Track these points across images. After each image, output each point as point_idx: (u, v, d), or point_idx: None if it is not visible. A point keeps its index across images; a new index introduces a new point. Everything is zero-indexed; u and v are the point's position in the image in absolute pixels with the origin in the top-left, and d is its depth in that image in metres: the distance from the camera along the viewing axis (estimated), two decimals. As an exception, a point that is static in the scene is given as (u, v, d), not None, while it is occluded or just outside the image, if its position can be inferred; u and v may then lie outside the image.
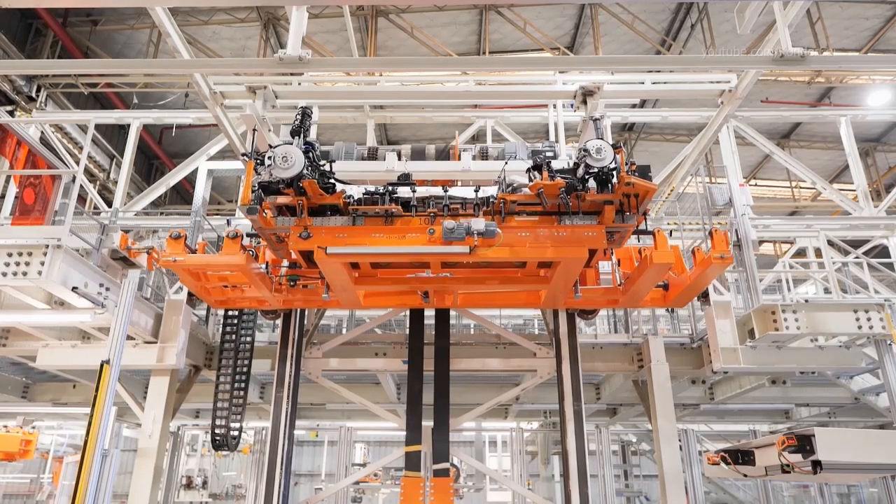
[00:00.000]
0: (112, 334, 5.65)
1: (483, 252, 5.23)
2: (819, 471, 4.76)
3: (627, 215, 5.30)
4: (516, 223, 5.43)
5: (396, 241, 5.35)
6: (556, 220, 5.37)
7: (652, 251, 5.49)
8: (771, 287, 11.31)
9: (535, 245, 5.33)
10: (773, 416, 12.29)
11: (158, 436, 7.15)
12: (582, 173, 5.03)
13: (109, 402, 5.39)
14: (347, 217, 5.44)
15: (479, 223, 5.13)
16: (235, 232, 5.65)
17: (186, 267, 5.86)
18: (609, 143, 5.02)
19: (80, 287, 5.77)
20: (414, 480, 6.61)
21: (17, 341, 7.75)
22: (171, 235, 5.68)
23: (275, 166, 4.91)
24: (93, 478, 5.18)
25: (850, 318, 6.72)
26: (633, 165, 5.08)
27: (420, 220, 5.43)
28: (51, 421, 13.91)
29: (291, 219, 5.47)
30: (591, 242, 5.33)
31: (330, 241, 5.34)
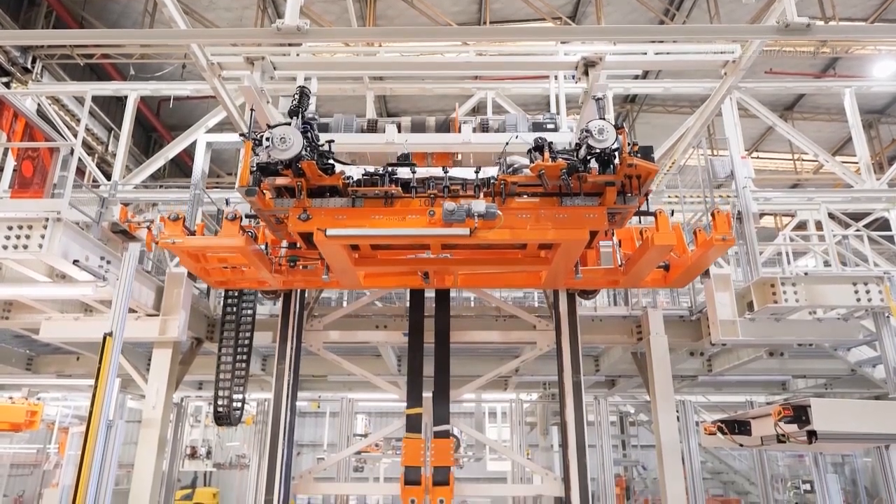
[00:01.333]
0: (114, 307, 5.67)
1: (483, 234, 5.20)
2: (814, 441, 4.83)
3: (629, 196, 5.25)
4: (517, 204, 5.38)
5: (396, 223, 5.31)
6: (557, 201, 5.33)
7: (653, 233, 5.45)
8: (771, 260, 11.33)
9: (536, 227, 5.30)
10: (770, 387, 12.42)
11: (162, 407, 7.24)
12: (584, 154, 4.98)
13: (113, 374, 5.44)
14: (347, 198, 5.38)
15: (479, 205, 5.08)
16: (234, 214, 5.60)
17: (185, 249, 5.84)
18: (612, 124, 4.96)
19: (81, 260, 5.78)
20: (415, 441, 6.70)
21: (19, 314, 7.79)
22: (169, 217, 5.61)
23: (273, 148, 4.84)
24: (98, 448, 5.26)
25: (848, 290, 6.74)
26: (636, 146, 5.03)
27: (420, 201, 5.37)
28: (55, 392, 14.07)
29: (290, 200, 5.41)
30: (592, 224, 5.30)
31: (329, 223, 5.30)
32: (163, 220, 5.72)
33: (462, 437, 15.24)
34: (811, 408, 4.82)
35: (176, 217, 5.62)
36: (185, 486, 25.12)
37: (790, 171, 19.42)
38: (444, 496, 6.38)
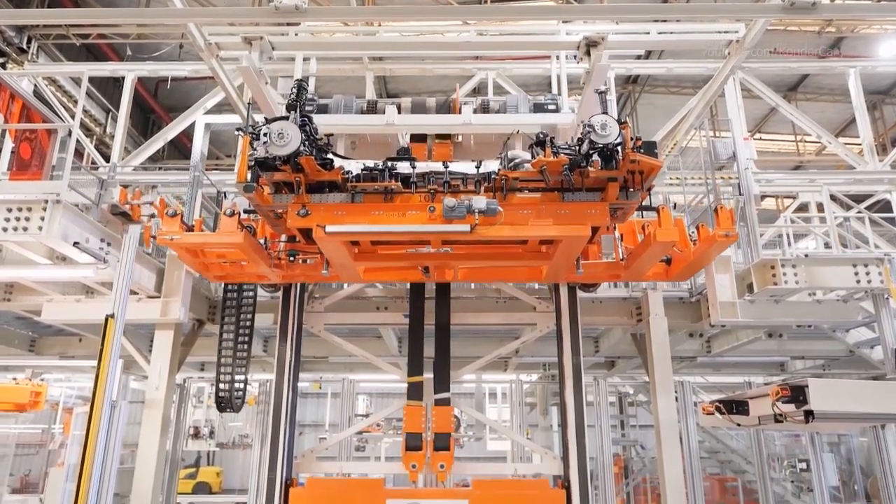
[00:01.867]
0: (115, 289, 5.69)
1: (484, 231, 5.14)
2: (811, 420, 4.87)
3: (631, 192, 5.21)
4: (518, 200, 5.32)
5: (396, 218, 5.26)
6: (558, 196, 5.27)
7: (656, 229, 5.40)
8: (771, 242, 11.33)
9: (537, 223, 5.26)
10: (768, 368, 12.48)
11: (165, 388, 7.30)
12: (586, 149, 4.93)
13: (115, 355, 5.48)
14: (346, 194, 5.32)
15: (480, 201, 5.03)
16: (233, 209, 5.53)
17: (184, 245, 5.79)
18: (615, 118, 4.91)
19: (81, 242, 5.79)
20: (416, 408, 6.72)
21: (21, 296, 7.81)
22: (167, 213, 5.52)
23: (270, 143, 4.77)
24: (102, 428, 5.31)
25: (849, 272, 6.75)
26: (639, 141, 4.97)
27: (420, 196, 5.31)
28: (59, 374, 14.16)
29: (289, 196, 5.35)
30: (594, 220, 5.25)
31: (329, 219, 5.24)
32: (159, 207, 5.66)
33: (462, 417, 15.37)
34: (809, 388, 4.85)
35: (174, 213, 5.54)
36: (188, 466, 25.46)
37: (792, 153, 19.34)
38: (444, 461, 6.42)
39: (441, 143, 6.87)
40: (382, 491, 6.54)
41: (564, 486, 6.63)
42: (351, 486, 7.31)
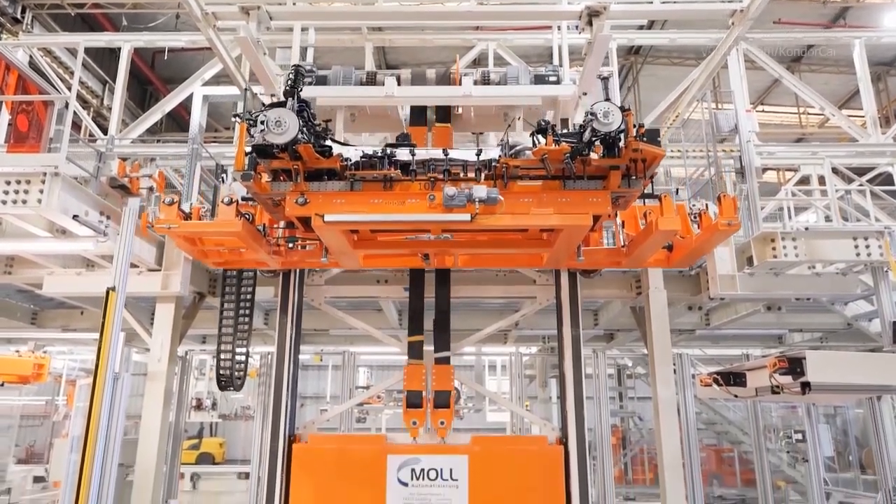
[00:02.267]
0: (115, 262, 5.70)
1: (484, 219, 5.10)
2: (808, 392, 4.92)
3: (633, 180, 5.14)
4: (519, 188, 5.25)
5: (396, 207, 5.20)
6: (559, 184, 5.21)
7: (658, 217, 5.33)
8: (772, 215, 11.31)
9: (539, 212, 5.21)
10: (766, 340, 12.57)
11: (167, 360, 7.35)
12: (588, 137, 4.85)
13: (117, 328, 5.50)
14: (345, 182, 5.24)
15: (480, 190, 4.96)
16: (230, 198, 5.44)
17: (181, 234, 5.74)
18: (618, 106, 4.81)
19: (80, 215, 5.78)
20: (416, 367, 6.77)
21: (21, 269, 7.83)
22: (164, 202, 5.42)
23: (268, 131, 4.67)
24: (105, 400, 5.37)
25: (849, 245, 6.75)
26: (642, 129, 4.90)
27: (420, 184, 5.23)
28: (61, 346, 14.27)
29: (287, 184, 5.27)
30: (595, 208, 5.20)
31: (327, 208, 5.18)
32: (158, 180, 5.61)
33: (462, 389, 15.52)
34: (806, 360, 4.89)
35: (171, 201, 5.44)
36: (191, 437, 25.79)
37: (795, 125, 19.19)
38: (444, 418, 6.50)
39: (441, 127, 6.80)
40: (384, 446, 6.70)
41: (562, 443, 6.74)
42: (353, 442, 7.53)
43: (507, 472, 6.67)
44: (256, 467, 8.46)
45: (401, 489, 6.54)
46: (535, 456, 6.74)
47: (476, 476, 6.58)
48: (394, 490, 6.49)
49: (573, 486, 6.64)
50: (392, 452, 6.65)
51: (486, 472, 6.61)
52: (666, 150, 9.79)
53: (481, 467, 6.61)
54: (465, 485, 6.54)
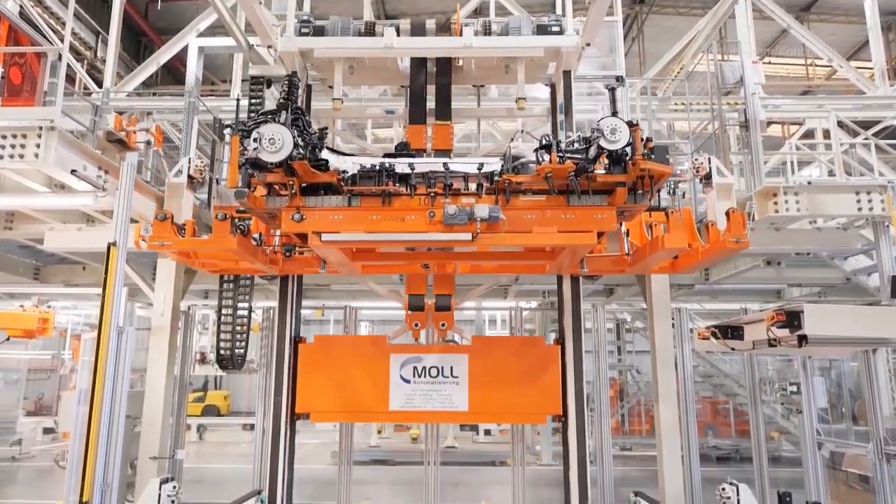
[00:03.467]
0: (115, 218, 5.69)
1: (486, 239, 4.99)
2: (804, 344, 4.98)
3: (640, 194, 5.00)
4: (522, 203, 5.09)
5: (395, 224, 5.07)
6: (563, 199, 5.06)
7: (664, 235, 5.20)
8: (775, 170, 11.22)
9: (542, 230, 5.08)
10: (765, 295, 12.65)
11: (170, 315, 7.43)
12: (594, 154, 4.71)
13: (119, 283, 5.54)
14: (342, 197, 5.09)
15: (482, 209, 4.83)
16: (225, 213, 5.27)
17: (175, 250, 5.61)
18: (625, 121, 4.66)
19: (78, 170, 5.73)
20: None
21: (22, 224, 7.83)
22: (156, 217, 5.26)
23: (261, 149, 4.51)
24: (110, 353, 5.45)
25: (850, 199, 6.72)
26: (650, 144, 4.76)
27: (419, 199, 5.07)
28: (65, 301, 14.39)
29: (283, 199, 5.12)
30: (601, 224, 5.08)
31: (324, 224, 5.07)
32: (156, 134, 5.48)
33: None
34: (804, 313, 4.93)
35: (164, 217, 5.26)
36: (196, 390, 26.27)
37: (801, 78, 18.86)
38: (445, 320, 6.56)
39: (440, 125, 6.69)
40: (386, 346, 6.90)
41: (559, 343, 6.90)
42: (357, 342, 7.73)
43: (506, 370, 6.83)
44: (261, 419, 8.64)
45: (403, 386, 6.77)
46: (534, 353, 6.92)
47: (476, 373, 6.77)
48: (396, 387, 6.69)
49: (569, 384, 6.81)
50: (395, 352, 6.84)
51: (486, 370, 6.79)
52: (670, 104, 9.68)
53: (481, 365, 6.80)
54: (465, 381, 6.73)
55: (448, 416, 6.94)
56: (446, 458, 10.66)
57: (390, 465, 13.70)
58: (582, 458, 7.03)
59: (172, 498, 5.51)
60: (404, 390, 6.75)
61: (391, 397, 6.67)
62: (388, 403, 6.63)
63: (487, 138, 10.91)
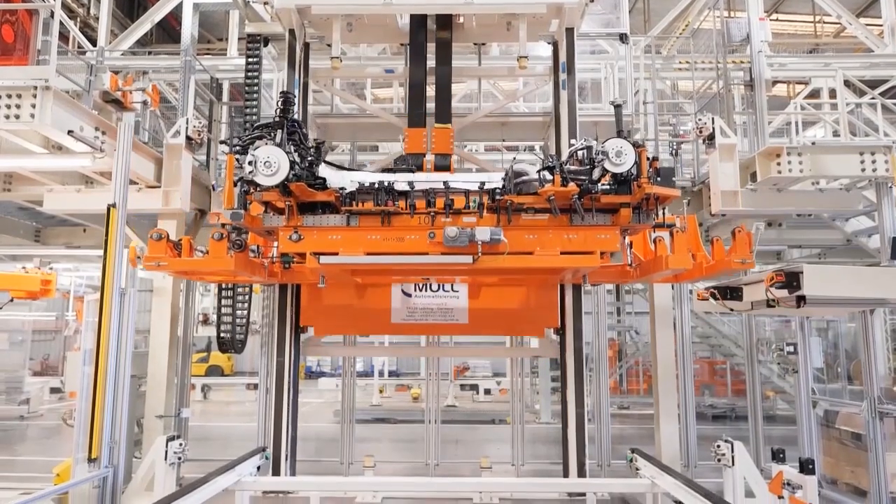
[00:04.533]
0: (114, 178, 5.66)
1: (488, 261, 4.96)
2: (802, 305, 5.00)
3: (644, 214, 4.97)
4: (524, 222, 5.03)
5: (394, 244, 5.02)
6: (567, 218, 4.99)
7: (668, 256, 5.14)
8: (779, 130, 11.09)
9: (544, 252, 5.04)
10: (764, 257, 12.65)
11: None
12: (598, 175, 4.64)
13: (120, 244, 5.54)
14: (341, 216, 5.02)
15: (483, 232, 4.76)
16: (221, 234, 5.15)
17: (172, 271, 5.55)
18: (630, 142, 4.58)
19: (75, 131, 5.68)
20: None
21: (21, 186, 7.79)
22: (152, 237, 5.16)
23: (256, 172, 4.45)
24: (114, 314, 5.49)
25: (854, 160, 6.66)
26: (655, 164, 4.69)
27: (419, 219, 5.01)
28: (67, 263, 14.43)
29: (280, 217, 5.09)
30: (604, 245, 5.06)
31: (323, 244, 5.03)
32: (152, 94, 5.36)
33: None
34: (803, 274, 4.94)
35: (160, 237, 5.15)
36: (200, 350, 26.56)
37: (809, 35, 18.47)
38: None
39: (441, 129, 6.59)
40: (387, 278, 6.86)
41: None
42: None
43: (505, 283, 6.91)
44: (265, 379, 8.76)
45: (405, 299, 6.95)
46: None
47: (476, 287, 6.89)
48: (398, 300, 6.82)
49: (567, 299, 6.88)
50: (396, 282, 6.92)
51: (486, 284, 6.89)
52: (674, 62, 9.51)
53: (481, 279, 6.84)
54: (465, 295, 6.87)
55: (449, 328, 7.02)
56: (446, 416, 10.84)
57: (392, 423, 13.95)
58: (580, 416, 7.16)
59: (179, 454, 5.62)
60: (406, 303, 6.88)
61: (393, 311, 6.73)
62: (391, 316, 6.67)
63: (489, 98, 10.77)
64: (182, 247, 5.36)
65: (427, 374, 9.90)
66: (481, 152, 13.14)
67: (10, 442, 12.33)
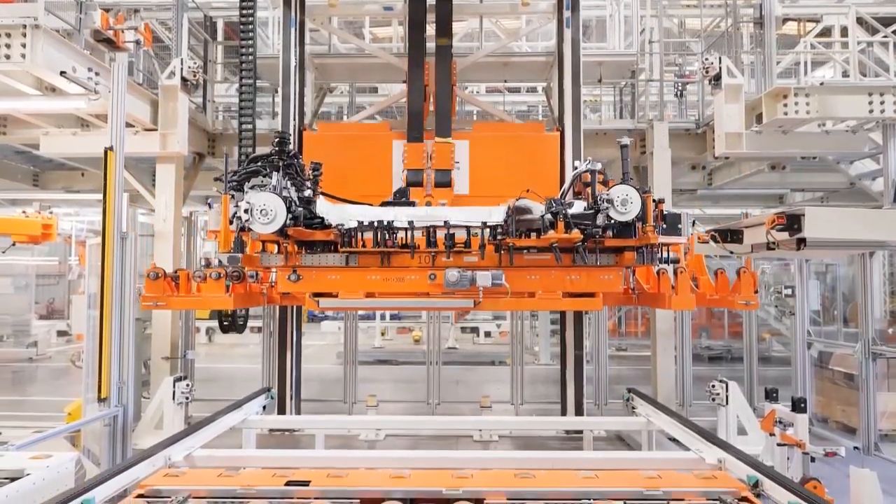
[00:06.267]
0: (110, 121, 5.58)
1: (489, 304, 5.00)
2: (803, 247, 5.02)
3: (648, 255, 4.92)
4: (526, 261, 4.96)
5: (394, 284, 4.99)
6: (569, 257, 4.92)
7: (672, 297, 5.04)
8: (787, 71, 10.85)
9: (546, 296, 5.04)
10: (767, 200, 12.62)
11: (172, 220, 7.46)
12: (602, 222, 4.56)
13: (119, 187, 5.51)
14: (340, 255, 4.97)
15: (485, 278, 4.69)
16: (218, 273, 5.05)
17: (171, 308, 5.45)
18: (636, 188, 4.48)
19: (68, 71, 5.56)
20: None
21: (16, 129, 7.70)
22: (149, 276, 5.05)
23: (253, 221, 4.36)
24: (116, 258, 5.51)
25: (862, 101, 6.54)
26: (661, 207, 4.62)
27: (420, 258, 4.96)
28: (67, 208, 14.40)
29: (278, 256, 5.03)
30: (607, 286, 5.03)
31: (321, 284, 5.01)
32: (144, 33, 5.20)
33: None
34: (805, 216, 4.93)
35: (156, 276, 5.05)
36: (203, 294, 26.80)
37: (822, -30, 17.80)
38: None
39: (441, 144, 6.49)
40: (390, 132, 7.01)
41: (559, 131, 7.02)
42: (361, 128, 7.78)
43: (506, 155, 6.90)
44: (268, 322, 8.88)
45: None
46: (533, 142, 7.03)
47: (477, 157, 6.84)
48: (399, 172, 6.71)
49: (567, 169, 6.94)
50: (397, 138, 6.85)
51: (486, 155, 6.86)
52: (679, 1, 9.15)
53: (482, 151, 6.88)
54: (466, 166, 6.80)
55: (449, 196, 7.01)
56: (447, 358, 11.04)
57: (394, 364, 14.22)
58: (578, 357, 7.30)
59: (186, 394, 5.76)
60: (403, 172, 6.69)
61: (394, 182, 6.68)
62: (392, 187, 6.71)
63: (490, 37, 10.48)
64: (180, 280, 5.34)
65: (428, 317, 10.02)
66: (483, 94, 12.91)
67: (21, 383, 12.62)
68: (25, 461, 3.47)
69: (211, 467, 3.73)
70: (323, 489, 3.27)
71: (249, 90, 7.50)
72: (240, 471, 3.59)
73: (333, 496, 3.17)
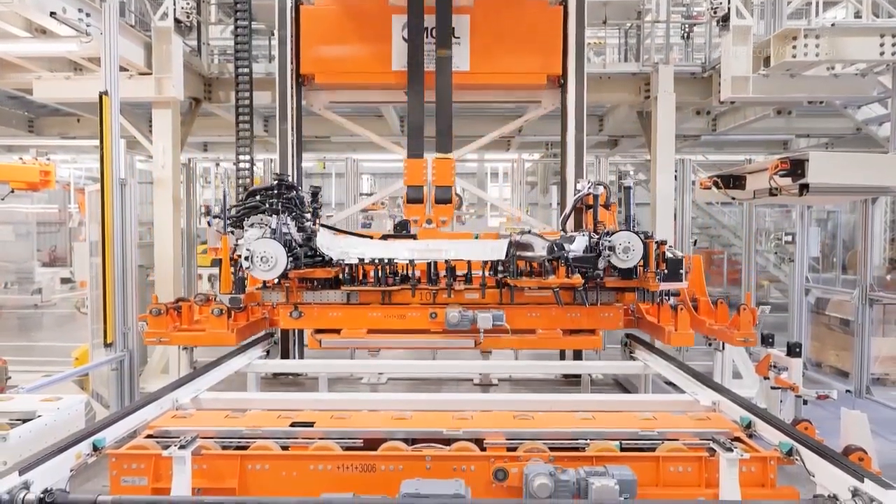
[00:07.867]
0: (104, 64, 5.46)
1: (490, 343, 5.04)
2: (805, 193, 5.00)
3: (649, 294, 4.96)
4: (527, 297, 5.06)
5: (395, 320, 5.09)
6: (570, 294, 5.00)
7: (672, 334, 4.99)
8: (798, 12, 10.54)
9: (546, 335, 5.11)
10: (771, 146, 12.49)
11: (171, 166, 7.40)
12: (604, 265, 4.65)
13: (116, 133, 5.45)
14: (341, 293, 5.08)
15: (485, 319, 4.74)
16: (220, 309, 5.01)
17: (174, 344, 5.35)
18: (639, 235, 4.52)
19: (58, 12, 5.42)
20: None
21: (7, 73, 7.55)
22: (151, 312, 4.99)
23: (254, 267, 4.43)
24: (116, 205, 5.49)
25: (874, 42, 6.37)
26: (663, 247, 4.63)
27: (421, 295, 5.08)
28: (64, 154, 14.28)
29: (279, 294, 5.13)
30: (608, 324, 5.16)
31: (323, 321, 5.12)
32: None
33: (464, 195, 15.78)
34: (809, 161, 4.89)
35: (158, 312, 4.99)
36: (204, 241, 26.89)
37: None
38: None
39: (441, 160, 6.40)
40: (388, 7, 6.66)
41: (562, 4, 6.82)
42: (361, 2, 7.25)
43: (507, 29, 6.74)
44: (269, 268, 8.94)
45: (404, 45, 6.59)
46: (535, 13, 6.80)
47: (477, 32, 6.70)
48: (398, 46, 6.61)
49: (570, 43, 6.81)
50: (397, 13, 6.68)
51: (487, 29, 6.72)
52: None
53: (482, 24, 6.72)
54: (466, 42, 6.68)
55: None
56: (448, 304, 11.11)
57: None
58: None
59: (191, 339, 5.81)
60: (404, 50, 6.59)
61: (393, 58, 6.65)
62: (391, 64, 6.63)
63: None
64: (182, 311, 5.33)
65: (429, 263, 10.06)
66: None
67: (28, 329, 12.81)
68: (37, 403, 3.55)
69: (217, 409, 3.81)
70: (327, 430, 3.35)
71: (245, 32, 7.31)
72: (245, 412, 3.67)
73: (337, 437, 3.25)
